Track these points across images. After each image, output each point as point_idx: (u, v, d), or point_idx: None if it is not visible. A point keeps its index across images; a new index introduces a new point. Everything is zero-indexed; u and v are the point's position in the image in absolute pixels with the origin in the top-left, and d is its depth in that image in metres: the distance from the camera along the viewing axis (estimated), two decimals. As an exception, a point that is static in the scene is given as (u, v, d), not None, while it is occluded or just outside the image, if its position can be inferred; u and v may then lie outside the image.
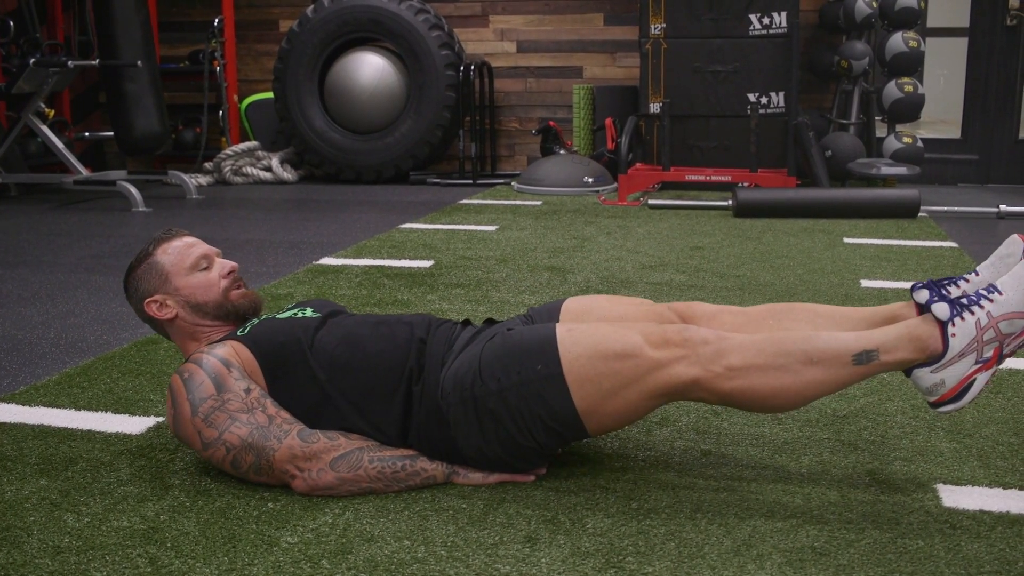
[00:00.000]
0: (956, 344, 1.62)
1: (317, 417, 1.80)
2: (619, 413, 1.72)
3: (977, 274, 1.72)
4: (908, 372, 1.68)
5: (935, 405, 1.68)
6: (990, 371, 1.65)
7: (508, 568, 1.50)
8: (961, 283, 1.71)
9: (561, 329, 1.76)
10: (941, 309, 1.63)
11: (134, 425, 2.13)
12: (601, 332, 1.73)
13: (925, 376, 1.65)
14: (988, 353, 1.63)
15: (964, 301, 1.64)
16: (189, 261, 1.95)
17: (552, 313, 1.97)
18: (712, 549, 1.56)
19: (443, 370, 1.80)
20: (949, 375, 1.64)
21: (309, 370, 1.82)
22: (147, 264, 1.96)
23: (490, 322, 1.99)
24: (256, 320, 1.94)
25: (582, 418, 1.72)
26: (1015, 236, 1.71)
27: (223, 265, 1.98)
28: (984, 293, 1.65)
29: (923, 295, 1.67)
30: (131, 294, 1.98)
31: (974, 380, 1.64)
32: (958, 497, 1.74)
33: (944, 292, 1.68)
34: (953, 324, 1.62)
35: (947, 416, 2.14)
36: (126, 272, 1.99)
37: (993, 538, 1.59)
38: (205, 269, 1.96)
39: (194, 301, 1.93)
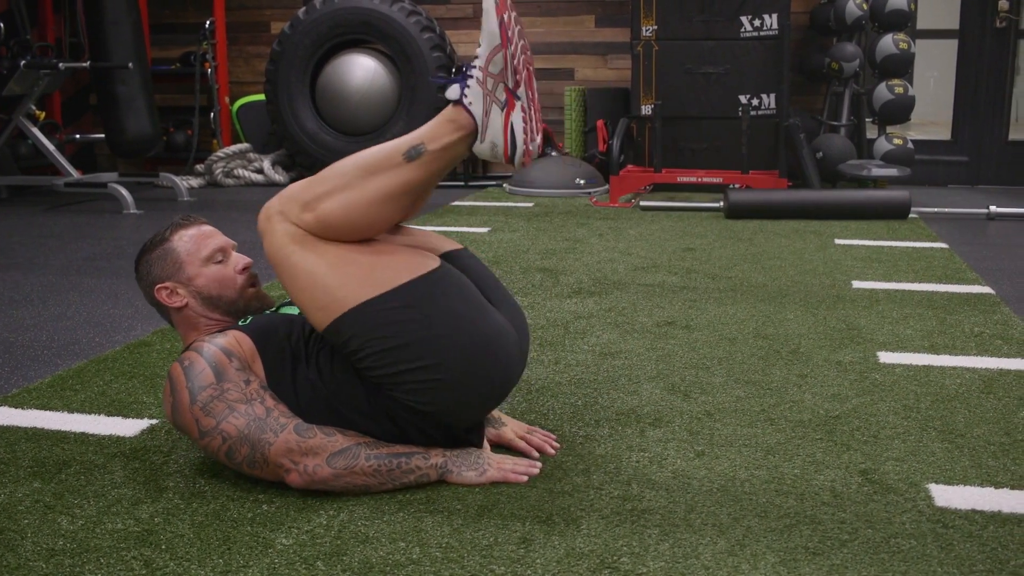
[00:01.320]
0: (476, 108, 1.78)
1: (314, 411, 1.80)
2: (340, 267, 1.75)
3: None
4: (473, 152, 1.81)
5: (513, 164, 1.82)
6: (516, 109, 1.78)
7: (503, 569, 1.50)
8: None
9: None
10: (452, 91, 1.79)
11: (128, 427, 2.13)
12: (293, 296, 1.81)
13: (480, 148, 1.80)
14: (502, 96, 1.78)
15: (465, 74, 1.80)
16: (205, 252, 1.94)
17: None
18: (706, 549, 1.56)
19: None
20: (492, 134, 1.78)
21: (308, 364, 1.82)
22: (162, 249, 1.94)
23: None
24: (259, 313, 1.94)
25: (365, 298, 1.73)
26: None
27: (239, 260, 1.97)
28: (474, 60, 1.81)
29: (443, 88, 1.82)
30: (141, 276, 1.96)
31: (511, 124, 1.79)
32: (950, 497, 1.75)
33: (457, 76, 1.82)
34: (465, 96, 1.78)
35: (938, 417, 2.15)
36: (139, 253, 1.97)
37: (985, 537, 1.60)
38: (220, 262, 1.95)
39: (207, 294, 1.92)
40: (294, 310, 1.97)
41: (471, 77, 1.78)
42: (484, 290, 1.89)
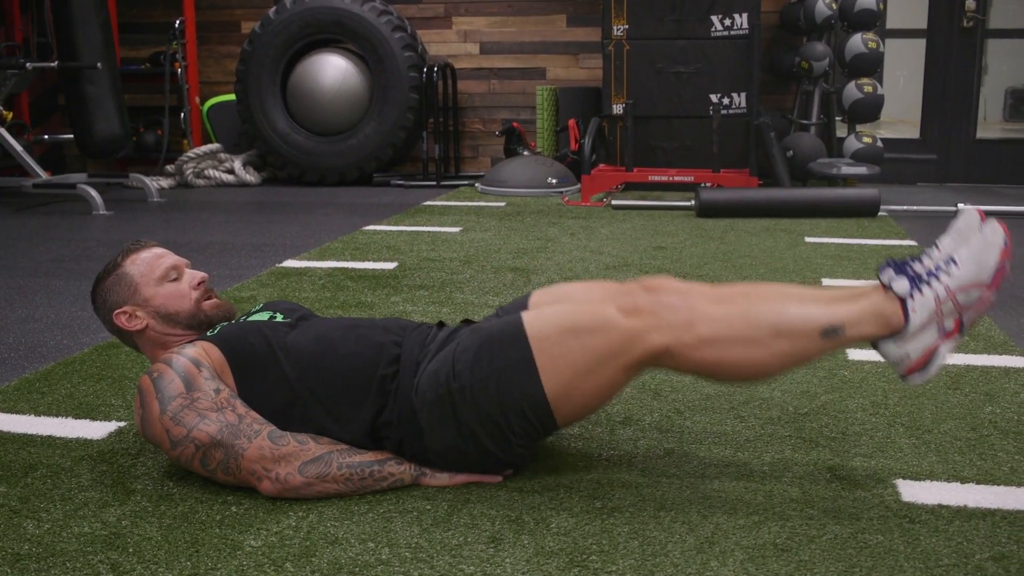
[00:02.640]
0: (917, 318, 1.67)
1: (286, 418, 1.79)
2: (592, 392, 1.72)
3: (938, 249, 1.75)
4: (876, 346, 1.72)
5: (904, 376, 1.72)
6: (952, 340, 1.70)
7: (472, 569, 1.50)
8: (924, 259, 1.74)
9: (528, 314, 1.77)
10: (900, 285, 1.68)
11: (95, 430, 2.11)
12: (570, 310, 1.75)
13: (891, 349, 1.70)
14: (949, 324, 1.68)
15: (924, 276, 1.69)
16: (159, 272, 1.93)
17: (520, 305, 1.97)
18: (675, 547, 1.57)
19: (418, 371, 1.80)
20: (913, 347, 1.68)
21: (280, 371, 1.81)
22: (116, 275, 1.94)
23: (467, 323, 1.99)
24: (227, 323, 1.93)
25: (552, 403, 1.72)
26: (971, 208, 1.76)
27: (193, 276, 1.97)
28: (942, 266, 1.69)
29: (887, 274, 1.72)
30: (99, 306, 1.96)
31: (938, 351, 1.69)
32: (917, 492, 1.77)
33: (907, 269, 1.72)
34: (912, 299, 1.67)
35: (906, 413, 2.16)
36: (94, 284, 1.97)
37: (951, 532, 1.61)
38: (175, 280, 1.95)
39: (165, 311, 1.91)
40: (263, 317, 1.96)
41: (931, 288, 1.67)
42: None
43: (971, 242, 1.69)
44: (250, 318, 1.96)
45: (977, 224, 1.71)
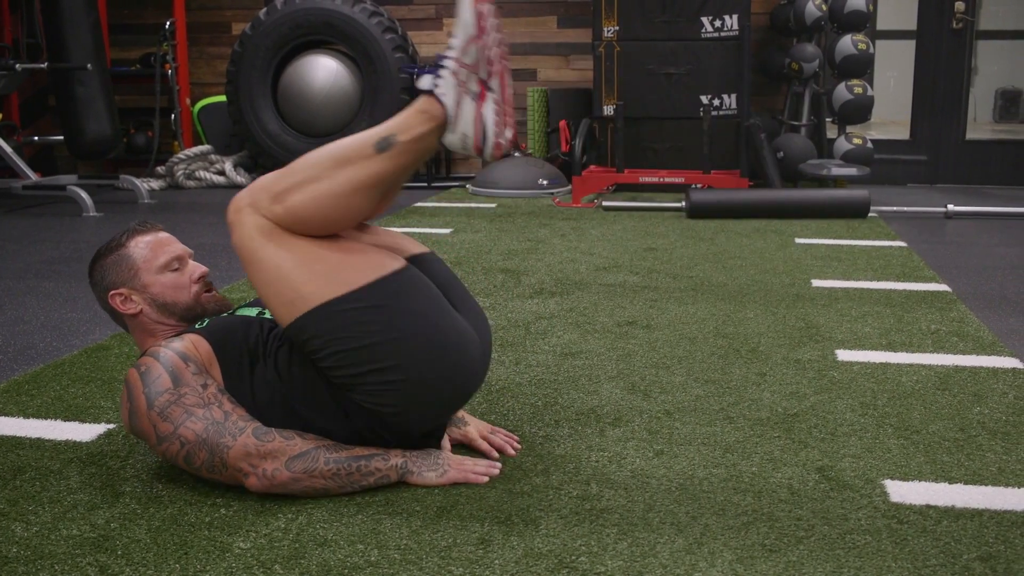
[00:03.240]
0: (448, 99, 1.76)
1: (273, 413, 1.79)
2: (305, 265, 1.74)
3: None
4: (441, 143, 1.80)
5: (481, 157, 1.81)
6: (489, 100, 1.78)
7: (461, 570, 1.50)
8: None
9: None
10: (423, 80, 1.79)
11: (84, 432, 2.11)
12: (259, 290, 1.79)
13: (451, 139, 1.78)
14: (474, 87, 1.78)
15: (437, 64, 1.79)
16: (162, 259, 1.92)
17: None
18: (664, 548, 1.57)
19: None
20: (463, 124, 1.77)
21: (266, 366, 1.81)
22: (117, 255, 1.92)
23: None
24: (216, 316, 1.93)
25: (329, 298, 1.72)
26: None
27: (195, 269, 1.96)
28: (448, 50, 1.80)
29: (417, 79, 1.81)
30: (95, 282, 1.95)
31: (483, 115, 1.78)
32: (905, 492, 1.77)
33: (429, 69, 1.82)
34: (437, 87, 1.76)
35: (895, 414, 2.17)
36: (93, 258, 1.95)
37: (939, 532, 1.62)
38: (176, 270, 1.94)
39: (162, 300, 1.91)
40: (251, 312, 1.96)
41: (444, 68, 1.77)
42: (448, 294, 1.88)
43: (457, 15, 1.80)
44: (238, 312, 1.96)
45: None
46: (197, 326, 1.88)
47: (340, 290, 1.72)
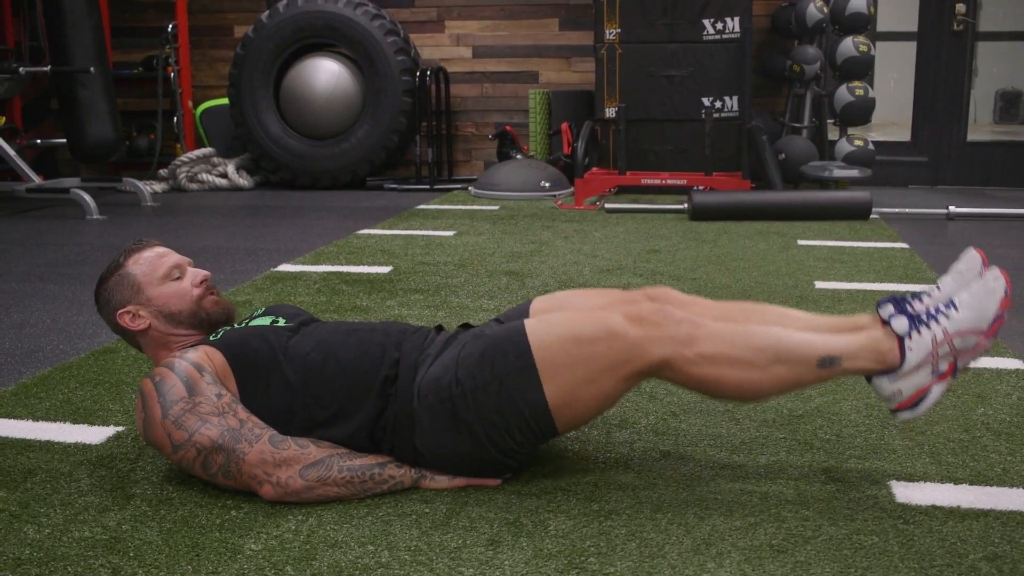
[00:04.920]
0: (912, 357, 1.70)
1: (288, 423, 1.81)
2: (592, 400, 1.74)
3: (939, 289, 1.78)
4: (869, 379, 1.75)
5: (894, 412, 1.76)
6: (945, 383, 1.72)
7: (471, 571, 1.52)
8: (924, 298, 1.77)
9: (531, 321, 1.79)
10: (900, 323, 1.71)
11: (94, 435, 2.12)
12: (574, 318, 1.77)
13: (884, 385, 1.73)
14: (943, 367, 1.71)
15: (923, 316, 1.71)
16: (161, 271, 1.94)
17: (522, 312, 1.99)
18: (672, 548, 1.58)
19: (417, 375, 1.82)
20: (906, 385, 1.72)
21: (281, 376, 1.82)
22: (119, 275, 1.94)
23: (465, 327, 2.01)
24: (229, 327, 1.94)
25: (553, 411, 1.74)
26: (973, 251, 1.78)
27: (195, 274, 1.98)
28: (942, 308, 1.72)
29: (886, 310, 1.75)
30: (102, 306, 1.97)
31: (930, 391, 1.72)
32: (911, 493, 1.78)
33: (906, 307, 1.75)
34: (910, 338, 1.70)
35: (900, 414, 2.18)
36: (97, 284, 1.98)
37: (944, 532, 1.63)
38: (178, 279, 1.95)
39: (167, 310, 1.92)
40: (265, 321, 1.97)
41: (930, 330, 1.70)
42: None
43: (972, 287, 1.72)
44: (252, 322, 1.97)
45: (979, 268, 1.75)
46: (211, 338, 1.89)
47: (557, 417, 1.76)
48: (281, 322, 1.96)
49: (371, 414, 1.81)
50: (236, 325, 1.97)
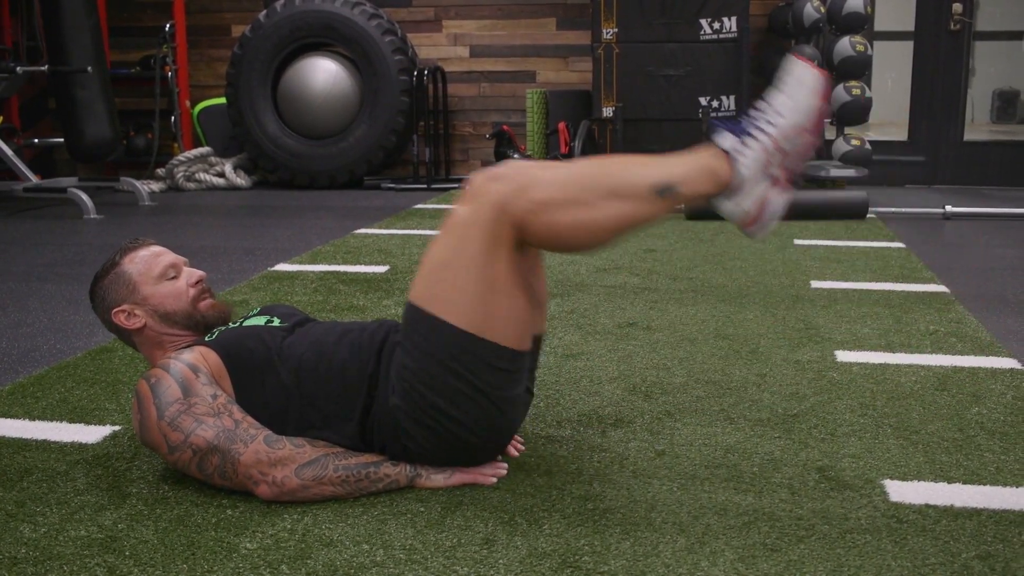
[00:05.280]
0: (743, 169, 1.69)
1: (283, 423, 1.81)
2: (500, 294, 1.72)
3: (765, 102, 1.77)
4: (713, 205, 1.74)
5: (745, 230, 1.76)
6: (784, 190, 1.72)
7: (466, 570, 1.52)
8: (751, 112, 1.77)
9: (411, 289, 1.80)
10: (725, 139, 1.71)
11: (90, 434, 2.12)
12: (430, 251, 1.77)
13: (728, 206, 1.72)
14: (776, 172, 1.71)
15: (748, 129, 1.71)
16: (157, 270, 1.94)
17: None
18: (667, 547, 1.59)
19: (392, 369, 1.82)
20: (747, 200, 1.71)
21: (276, 376, 1.83)
22: (114, 274, 1.94)
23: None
24: (224, 327, 1.94)
25: (474, 331, 1.72)
26: (791, 55, 1.78)
27: (191, 274, 1.98)
28: (765, 117, 1.72)
29: (714, 131, 1.75)
30: (97, 304, 1.97)
31: (770, 200, 1.72)
32: (904, 492, 1.79)
33: (733, 125, 1.74)
34: (739, 151, 1.70)
35: (894, 414, 2.19)
36: (92, 282, 1.98)
37: (938, 531, 1.64)
38: (173, 278, 1.95)
39: (163, 310, 1.92)
40: (260, 321, 1.98)
41: (756, 139, 1.69)
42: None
43: (788, 89, 1.71)
44: (247, 322, 1.98)
45: (798, 71, 1.73)
46: (207, 338, 1.89)
47: (483, 334, 1.72)
48: (276, 322, 1.96)
49: (361, 413, 1.81)
50: (231, 324, 1.97)
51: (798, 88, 1.69)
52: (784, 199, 1.72)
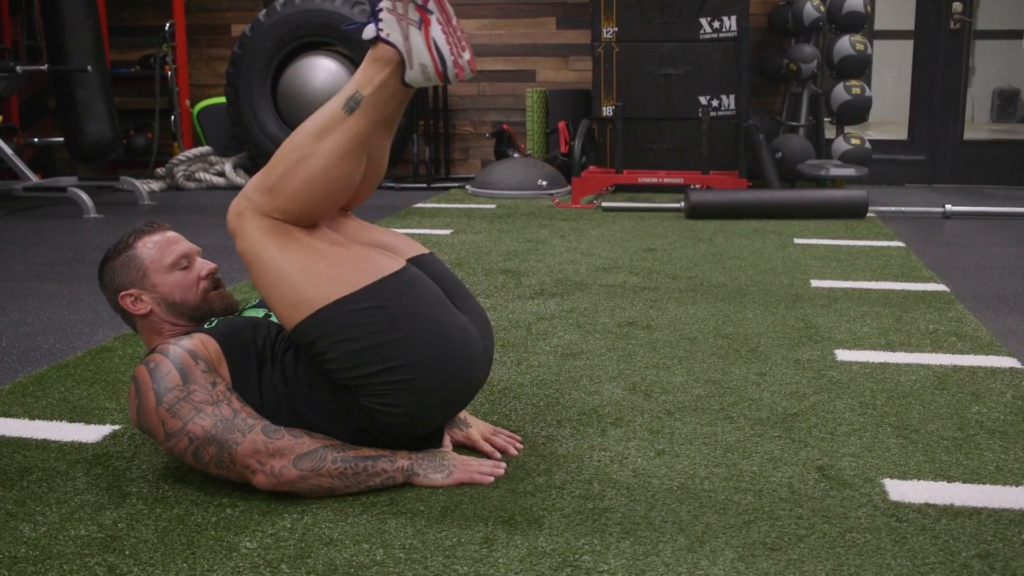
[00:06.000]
0: (395, 37, 1.74)
1: (280, 413, 1.81)
2: (317, 262, 1.76)
3: None
4: (405, 84, 1.77)
5: (458, 79, 1.78)
6: (433, 22, 1.75)
7: (466, 569, 1.52)
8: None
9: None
10: (367, 31, 1.76)
11: (90, 434, 2.12)
12: (264, 293, 1.80)
13: (413, 75, 1.76)
14: (415, 15, 1.74)
15: (375, 10, 1.77)
16: (170, 258, 1.93)
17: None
18: (666, 546, 1.59)
19: None
20: (418, 56, 1.74)
21: (273, 369, 1.83)
22: (126, 256, 1.93)
23: None
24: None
25: (339, 296, 1.73)
26: None
27: (203, 265, 1.97)
28: None
29: (359, 33, 1.79)
30: (105, 283, 1.96)
31: (433, 39, 1.74)
32: (904, 491, 1.79)
33: (369, 18, 1.79)
34: (381, 30, 1.74)
35: (894, 413, 2.19)
36: (102, 260, 1.96)
37: (938, 530, 1.64)
38: (185, 268, 1.95)
39: (171, 299, 1.92)
40: (259, 312, 1.98)
41: (381, 9, 1.76)
42: (449, 294, 1.90)
43: None
44: (245, 313, 1.97)
45: None
46: (206, 326, 1.89)
47: (342, 291, 1.73)
48: (274, 316, 1.96)
49: (357, 406, 1.81)
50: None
51: None
52: (439, 29, 1.76)
